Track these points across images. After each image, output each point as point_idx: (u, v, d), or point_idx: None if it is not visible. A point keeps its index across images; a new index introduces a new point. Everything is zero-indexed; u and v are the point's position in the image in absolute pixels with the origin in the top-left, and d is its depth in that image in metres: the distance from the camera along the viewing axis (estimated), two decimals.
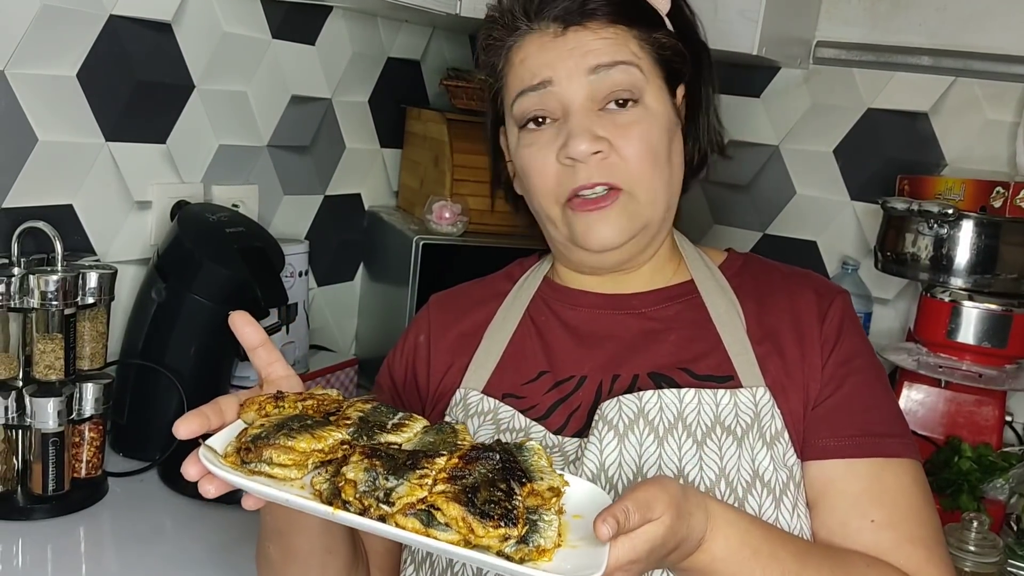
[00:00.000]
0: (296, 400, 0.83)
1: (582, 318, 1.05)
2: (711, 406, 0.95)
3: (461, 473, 0.73)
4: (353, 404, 0.85)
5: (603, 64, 0.95)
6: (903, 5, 1.96)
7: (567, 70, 0.96)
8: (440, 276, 1.18)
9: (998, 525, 1.50)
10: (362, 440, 0.79)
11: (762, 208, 2.16)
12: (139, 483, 1.44)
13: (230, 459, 0.77)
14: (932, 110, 1.95)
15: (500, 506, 0.70)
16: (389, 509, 0.70)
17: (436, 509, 0.70)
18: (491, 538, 0.69)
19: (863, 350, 1.01)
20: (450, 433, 0.82)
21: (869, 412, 0.97)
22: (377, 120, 2.12)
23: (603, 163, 0.95)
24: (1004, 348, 1.63)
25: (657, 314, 1.03)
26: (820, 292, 1.03)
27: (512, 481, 0.74)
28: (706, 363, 0.99)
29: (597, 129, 0.95)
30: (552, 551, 0.71)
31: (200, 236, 1.53)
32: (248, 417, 0.82)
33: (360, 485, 0.72)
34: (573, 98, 0.96)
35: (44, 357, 1.30)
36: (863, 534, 0.92)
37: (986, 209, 1.67)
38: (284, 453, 0.75)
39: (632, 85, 0.96)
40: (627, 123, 0.96)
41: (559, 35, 0.96)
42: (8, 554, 1.21)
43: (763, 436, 0.94)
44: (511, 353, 1.05)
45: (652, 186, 0.97)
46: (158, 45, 1.59)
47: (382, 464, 0.73)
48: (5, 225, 1.39)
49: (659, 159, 0.97)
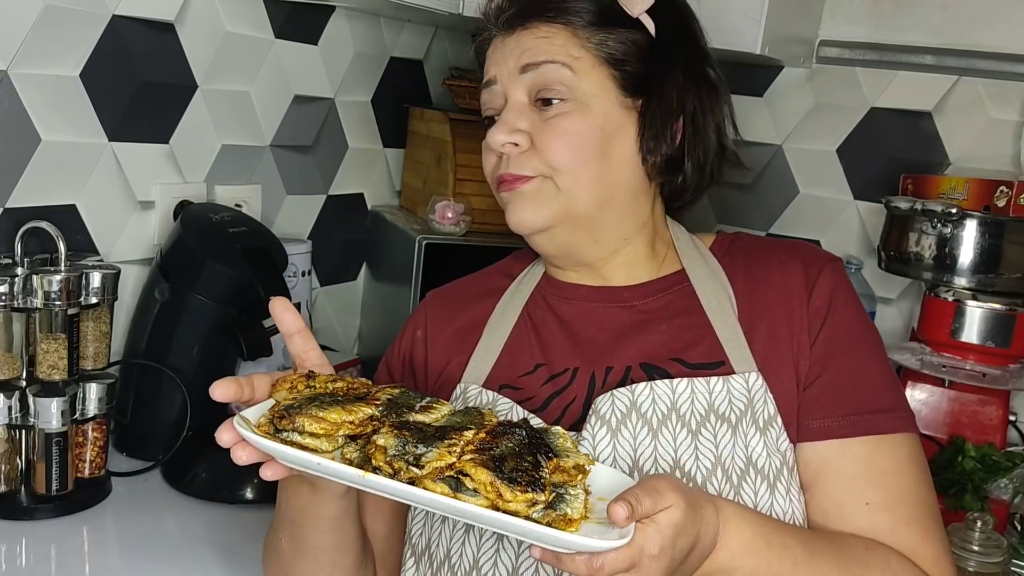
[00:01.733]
0: (327, 381, 0.85)
1: (575, 311, 1.06)
2: (704, 394, 0.95)
3: (488, 446, 0.74)
4: (382, 389, 0.86)
5: (531, 63, 0.99)
6: (906, 4, 1.96)
7: (507, 69, 1.01)
8: (443, 275, 1.18)
9: (1002, 525, 1.50)
10: (391, 417, 0.80)
11: (765, 207, 2.16)
12: (142, 483, 1.44)
13: (263, 428, 0.80)
14: (935, 109, 1.94)
15: (527, 474, 0.71)
16: (419, 472, 0.71)
17: (464, 475, 0.71)
18: (519, 502, 0.70)
19: (855, 321, 1.00)
20: (476, 416, 0.83)
21: (862, 389, 0.97)
22: (380, 120, 2.12)
23: (521, 156, 0.99)
24: (1008, 348, 1.63)
25: (648, 305, 1.04)
26: (807, 262, 1.02)
27: (539, 454, 0.75)
28: (697, 351, 0.99)
29: (520, 123, 0.99)
30: (578, 522, 0.72)
31: (203, 236, 1.53)
32: (280, 395, 0.85)
33: (391, 450, 0.73)
34: (510, 95, 1.01)
35: (47, 357, 1.31)
36: (859, 516, 0.93)
37: (990, 208, 1.66)
38: (316, 422, 0.77)
39: (560, 82, 0.98)
40: (551, 118, 0.99)
41: (508, 36, 1.02)
42: (12, 554, 1.21)
43: (756, 422, 0.94)
44: (509, 346, 1.06)
45: (574, 177, 0.98)
46: (161, 45, 1.59)
47: (411, 435, 0.75)
48: (8, 225, 1.39)
49: (585, 151, 0.98)
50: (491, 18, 1.04)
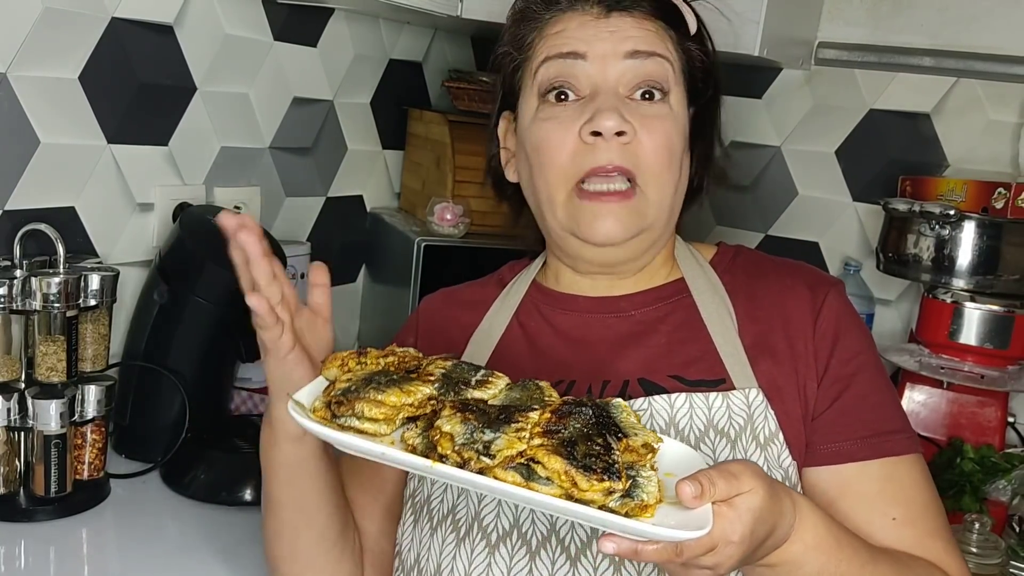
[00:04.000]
0: (378, 356, 0.83)
1: (572, 323, 1.04)
2: (703, 410, 0.94)
3: (556, 428, 0.72)
4: (433, 361, 0.84)
5: (642, 51, 0.95)
6: (905, 6, 1.96)
7: (603, 50, 0.95)
8: (442, 277, 1.18)
9: (1000, 526, 1.50)
10: (449, 396, 0.77)
11: (764, 209, 2.16)
12: (141, 485, 1.44)
13: (319, 413, 0.77)
14: (934, 111, 1.94)
15: (601, 460, 0.69)
16: (490, 462, 0.69)
17: (536, 463, 0.68)
18: (595, 492, 0.67)
19: (864, 345, 1.00)
20: (535, 390, 0.81)
21: (876, 411, 0.97)
22: (379, 122, 2.12)
23: (625, 147, 0.94)
24: (1006, 349, 1.63)
25: (647, 316, 1.02)
26: (813, 286, 1.01)
27: (609, 435, 0.72)
28: (697, 367, 0.98)
29: (626, 112, 0.94)
30: (654, 507, 0.70)
31: (202, 238, 1.53)
32: (330, 373, 0.82)
33: (458, 438, 0.70)
34: (606, 78, 0.95)
35: (46, 359, 1.31)
36: (886, 532, 0.93)
37: (988, 210, 1.66)
38: (375, 407, 0.74)
39: (664, 78, 0.96)
40: (653, 115, 0.95)
41: (601, 17, 0.96)
42: (11, 556, 1.21)
43: (756, 438, 0.94)
44: (499, 358, 1.04)
45: (664, 185, 0.97)
46: (160, 47, 1.59)
47: (475, 418, 0.72)
48: (7, 227, 1.39)
49: (674, 160, 0.97)
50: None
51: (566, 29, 0.97)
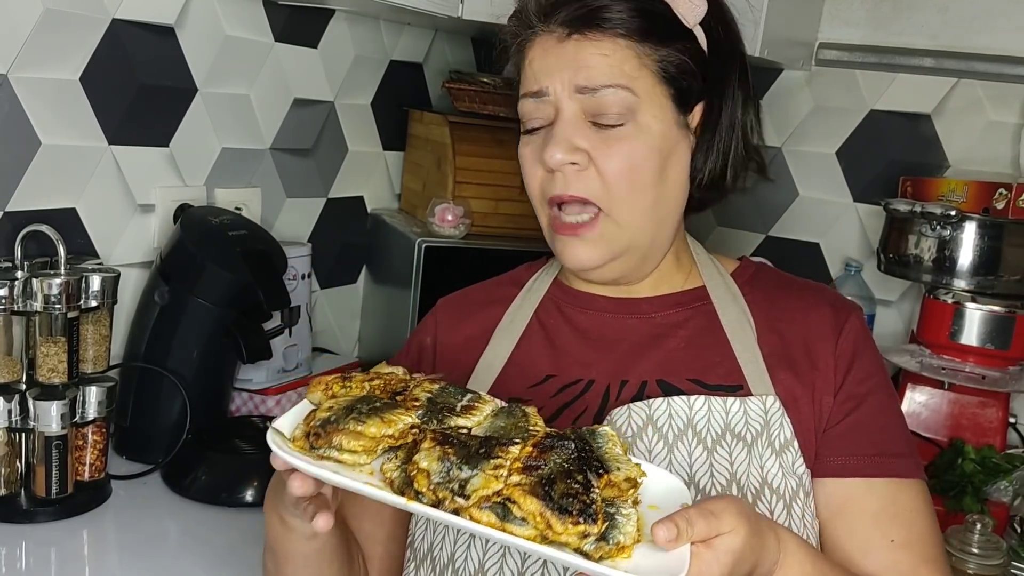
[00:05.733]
0: (363, 380, 0.82)
1: (592, 321, 1.05)
2: (721, 413, 0.95)
3: (536, 463, 0.71)
4: (420, 384, 0.83)
5: (589, 87, 0.93)
6: (905, 7, 1.96)
7: (561, 82, 0.94)
8: (443, 278, 1.18)
9: (1002, 527, 1.50)
10: (432, 424, 0.77)
11: (765, 210, 2.16)
12: (142, 486, 1.44)
13: (298, 443, 0.75)
14: (935, 112, 1.94)
15: (578, 500, 0.68)
16: (464, 503, 0.68)
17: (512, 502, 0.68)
18: (570, 535, 0.67)
19: (879, 368, 1.01)
20: (521, 417, 0.81)
21: (885, 432, 0.98)
22: (379, 123, 2.12)
23: (579, 175, 0.95)
24: (1007, 350, 1.63)
25: (667, 319, 1.03)
26: (836, 306, 1.02)
27: (589, 472, 0.72)
28: (716, 372, 0.98)
29: (578, 140, 0.94)
30: (631, 547, 0.69)
31: (203, 239, 1.53)
32: (314, 397, 0.81)
33: (434, 476, 0.70)
34: (564, 108, 0.95)
35: (47, 360, 1.31)
36: (883, 553, 0.93)
37: (989, 211, 1.66)
38: (354, 439, 0.73)
39: (622, 107, 0.93)
40: (611, 139, 0.94)
41: (562, 40, 0.94)
42: (12, 557, 1.21)
43: (772, 444, 0.94)
44: (518, 356, 1.05)
45: (632, 208, 0.96)
46: (161, 49, 1.59)
47: (455, 452, 0.71)
48: (8, 229, 1.39)
49: (642, 179, 0.95)
50: (536, 14, 0.96)
51: (534, 59, 0.97)
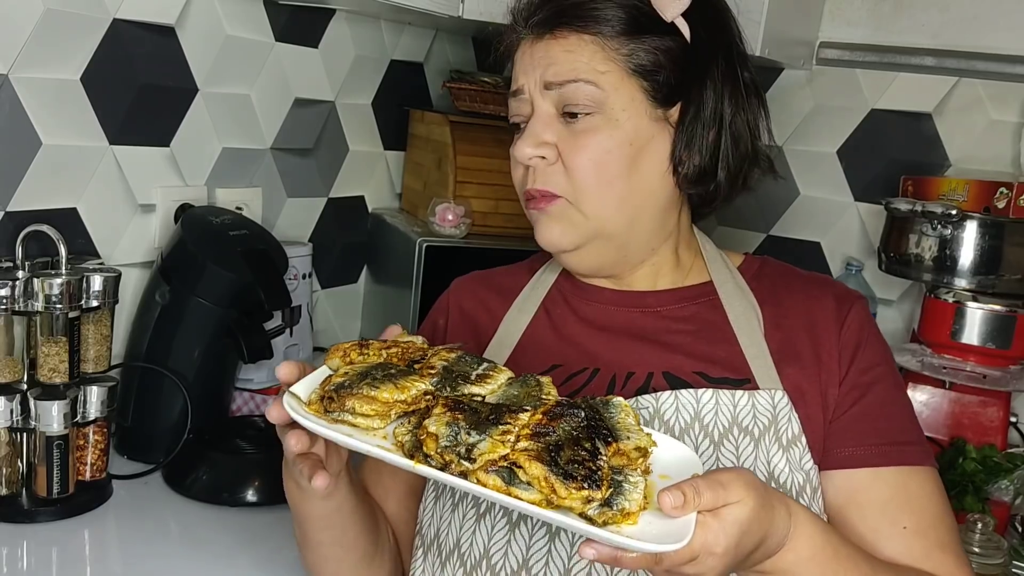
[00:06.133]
0: (381, 348, 0.83)
1: (598, 313, 1.06)
2: (728, 406, 0.95)
3: (544, 430, 0.72)
4: (438, 352, 0.84)
5: (553, 83, 0.96)
6: (906, 6, 1.96)
7: (533, 80, 0.98)
8: (443, 278, 1.18)
9: (1003, 526, 1.50)
10: (445, 391, 0.78)
11: (766, 209, 2.16)
12: (143, 486, 1.44)
13: (313, 407, 0.77)
14: (936, 111, 1.94)
15: (584, 467, 0.69)
16: (470, 466, 0.69)
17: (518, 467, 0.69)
18: (573, 500, 0.68)
19: (884, 358, 1.01)
20: (535, 386, 0.81)
21: (892, 420, 0.98)
22: (380, 122, 2.12)
23: (547, 169, 0.97)
24: (1008, 349, 1.63)
25: (674, 313, 1.04)
26: (840, 297, 1.03)
27: (597, 440, 0.72)
28: (722, 366, 0.99)
29: (547, 135, 0.97)
30: (636, 514, 0.70)
31: (204, 239, 1.53)
32: (332, 363, 0.82)
33: (442, 440, 0.71)
34: (536, 105, 0.98)
35: (48, 360, 1.31)
36: (895, 540, 0.94)
37: (990, 210, 1.66)
38: (367, 403, 0.74)
39: (587, 100, 0.95)
40: (579, 133, 0.96)
41: (536, 42, 0.98)
42: (13, 557, 1.21)
43: (779, 439, 0.95)
44: (525, 344, 1.06)
45: (598, 199, 0.97)
46: (161, 48, 1.59)
47: (464, 418, 0.73)
48: (9, 229, 1.40)
49: (609, 171, 0.96)
50: (519, 19, 1.01)
51: (516, 60, 1.01)
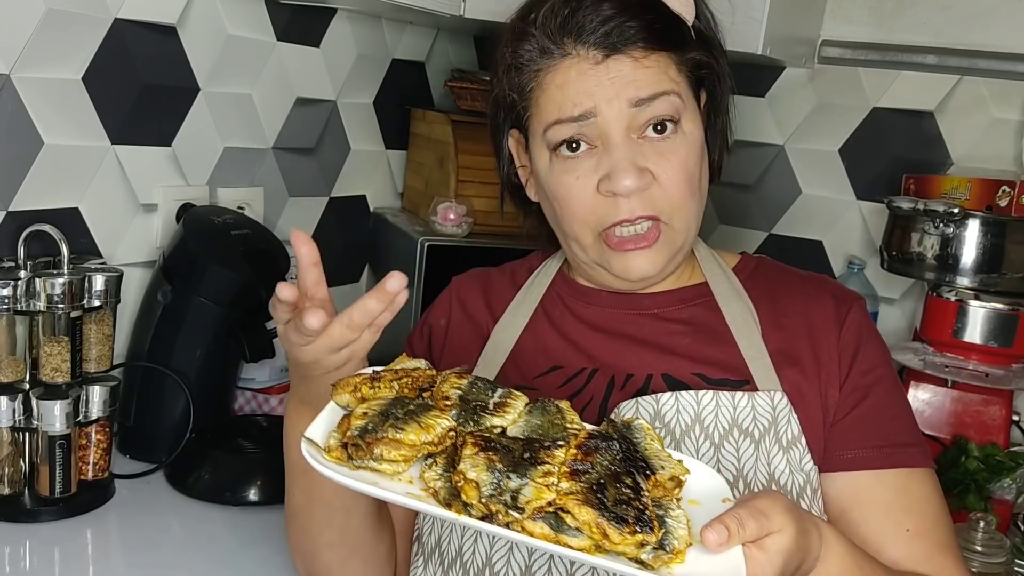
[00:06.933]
0: (392, 379, 0.80)
1: (596, 315, 1.05)
2: (728, 408, 0.95)
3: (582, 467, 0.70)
4: (447, 379, 0.81)
5: (645, 98, 0.92)
6: (908, 4, 1.95)
7: (607, 100, 0.92)
8: (445, 277, 1.18)
9: (1005, 525, 1.50)
10: (468, 425, 0.75)
11: (767, 208, 2.15)
12: (146, 485, 1.44)
13: (334, 454, 0.73)
14: (938, 109, 1.94)
15: (632, 507, 0.67)
16: (519, 516, 0.66)
17: (565, 512, 0.66)
18: (627, 545, 0.65)
19: (883, 359, 1.01)
20: (555, 413, 0.79)
21: (893, 422, 0.98)
22: (382, 122, 2.12)
23: (644, 195, 0.93)
24: (1011, 347, 1.63)
25: (672, 315, 1.03)
26: (838, 297, 1.02)
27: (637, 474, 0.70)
28: (720, 367, 0.99)
29: (639, 160, 0.93)
30: (684, 552, 0.68)
31: (206, 238, 1.53)
32: (342, 400, 0.79)
33: (484, 487, 0.67)
34: (614, 128, 0.93)
35: (50, 360, 1.31)
36: (898, 543, 0.94)
37: (992, 208, 1.66)
38: (395, 448, 0.71)
39: (674, 113, 0.94)
40: (668, 151, 0.94)
41: (599, 62, 0.93)
42: (16, 556, 1.21)
43: (779, 441, 0.94)
44: (524, 345, 1.05)
45: (688, 213, 0.97)
46: (163, 48, 1.59)
47: (500, 459, 0.69)
48: (11, 228, 1.40)
49: (695, 184, 0.97)
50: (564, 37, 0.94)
51: (566, 83, 0.94)
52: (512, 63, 0.98)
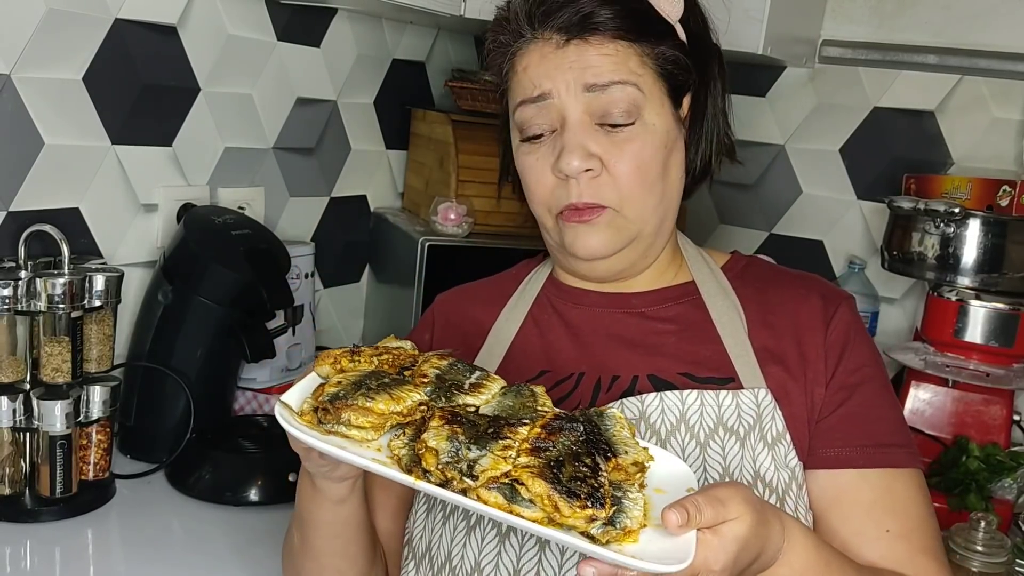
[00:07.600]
0: (372, 355, 0.82)
1: (583, 317, 1.05)
2: (713, 407, 0.95)
3: (544, 444, 0.71)
4: (429, 359, 0.83)
5: (599, 84, 0.94)
6: (909, 4, 1.95)
7: (565, 83, 0.95)
8: (446, 277, 1.18)
9: (1006, 525, 1.50)
10: (440, 401, 0.77)
11: (768, 208, 2.16)
12: (146, 485, 1.44)
13: (306, 417, 0.75)
14: (938, 109, 1.94)
15: (586, 484, 0.68)
16: (472, 483, 0.68)
17: (520, 484, 0.68)
18: (577, 518, 0.67)
19: (871, 359, 1.01)
20: (529, 396, 0.81)
21: (879, 422, 0.98)
22: (382, 122, 2.12)
23: (593, 181, 0.95)
24: (1011, 347, 1.63)
25: (658, 314, 1.03)
26: (826, 296, 1.02)
27: (597, 455, 0.72)
28: (706, 365, 0.99)
29: (590, 145, 0.95)
30: (637, 532, 0.69)
31: (206, 239, 1.53)
32: (322, 371, 0.81)
33: (443, 455, 0.70)
34: (570, 112, 0.95)
35: (51, 360, 1.31)
36: (879, 543, 0.93)
37: (992, 208, 1.66)
38: (363, 415, 0.73)
39: (629, 104, 0.95)
40: (621, 141, 0.95)
41: (560, 46, 0.95)
42: (16, 556, 1.21)
43: (764, 438, 0.94)
44: (514, 352, 1.06)
45: (641, 204, 0.97)
46: (163, 48, 1.59)
47: (464, 431, 0.71)
48: (12, 228, 1.40)
49: (650, 177, 0.97)
50: (531, 23, 0.97)
51: (529, 66, 0.97)
52: (492, 47, 1.02)
